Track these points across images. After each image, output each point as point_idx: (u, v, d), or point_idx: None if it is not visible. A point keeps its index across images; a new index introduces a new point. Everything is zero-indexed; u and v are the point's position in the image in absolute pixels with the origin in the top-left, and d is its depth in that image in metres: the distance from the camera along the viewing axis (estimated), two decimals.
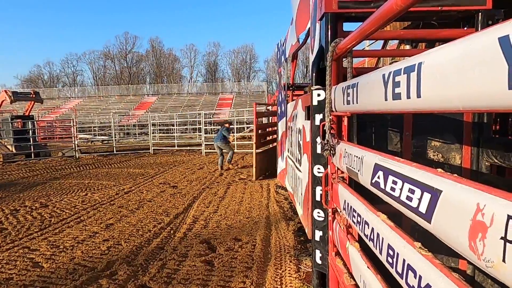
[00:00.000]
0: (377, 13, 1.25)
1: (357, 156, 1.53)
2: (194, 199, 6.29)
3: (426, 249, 0.96)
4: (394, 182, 1.10)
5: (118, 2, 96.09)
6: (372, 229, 1.33)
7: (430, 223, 0.87)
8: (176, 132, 19.03)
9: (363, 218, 1.46)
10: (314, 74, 2.42)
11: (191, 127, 29.89)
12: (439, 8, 2.25)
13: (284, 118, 6.48)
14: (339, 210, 1.96)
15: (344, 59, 2.13)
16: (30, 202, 6.41)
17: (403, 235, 1.08)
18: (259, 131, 10.63)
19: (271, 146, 9.48)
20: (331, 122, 1.95)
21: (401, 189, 1.05)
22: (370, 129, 2.49)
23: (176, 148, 16.17)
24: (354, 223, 1.59)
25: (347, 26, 2.46)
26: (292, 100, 6.40)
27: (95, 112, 43.52)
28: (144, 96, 53.77)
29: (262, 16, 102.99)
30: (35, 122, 16.49)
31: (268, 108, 13.07)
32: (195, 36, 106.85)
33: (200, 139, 15.19)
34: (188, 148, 16.18)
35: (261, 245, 3.93)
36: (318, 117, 2.41)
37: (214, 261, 3.56)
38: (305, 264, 3.39)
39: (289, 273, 3.22)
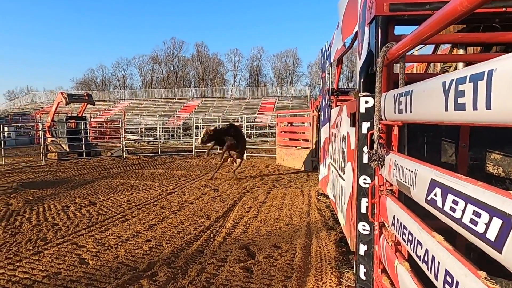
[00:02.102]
0: (438, 15, 1.15)
1: (409, 170, 1.42)
2: (234, 203, 6.30)
3: (493, 282, 0.84)
4: (455, 202, 0.99)
5: (166, 8, 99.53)
6: (426, 250, 1.22)
7: (500, 253, 0.76)
8: None
9: (415, 237, 1.34)
10: (362, 80, 2.32)
11: None
12: (503, 9, 2.07)
13: (328, 124, 6.33)
14: (386, 225, 1.84)
15: (395, 65, 2.02)
16: (80, 199, 6.72)
17: (465, 261, 0.97)
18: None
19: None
20: (380, 131, 1.84)
21: (463, 211, 0.94)
22: (422, 139, 2.34)
23: (218, 151, 16.36)
24: (404, 241, 1.48)
25: (398, 30, 2.33)
26: (336, 105, 6.25)
27: (142, 114, 45.21)
28: (188, 99, 55.16)
29: (306, 20, 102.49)
30: (88, 122, 17.37)
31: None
32: (239, 41, 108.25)
33: None
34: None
35: (301, 254, 3.83)
36: (365, 125, 2.29)
37: (253, 268, 3.51)
38: (347, 277, 3.26)
39: (330, 286, 3.11)
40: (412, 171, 1.38)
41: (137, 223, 5.12)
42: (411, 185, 1.38)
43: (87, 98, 16.03)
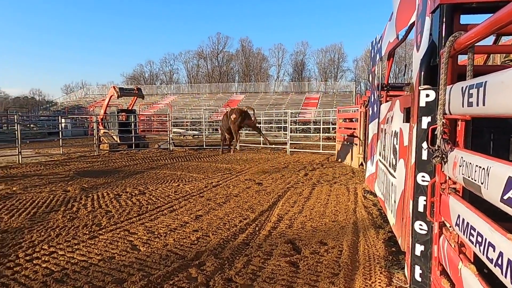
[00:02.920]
0: None
1: (480, 167, 1.33)
2: (278, 197, 6.29)
3: None
4: None
5: (212, 4, 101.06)
6: (501, 253, 1.13)
7: None
8: (262, 130, 19.35)
9: (485, 239, 1.26)
10: (422, 72, 2.20)
11: (276, 126, 30.24)
12: None
13: (376, 119, 6.14)
14: (448, 225, 1.74)
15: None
16: (131, 188, 7.02)
17: None
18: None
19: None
20: (444, 126, 1.74)
21: None
22: (488, 136, 2.19)
23: (261, 145, 16.44)
24: (472, 242, 1.39)
25: (463, 19, 2.19)
26: (387, 101, 6.04)
27: (188, 108, 46.36)
28: (232, 94, 55.82)
29: (353, 14, 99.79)
30: (137, 115, 18.07)
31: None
32: (283, 35, 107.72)
33: (285, 138, 15.22)
34: (273, 146, 16.32)
35: (348, 251, 3.75)
36: (426, 120, 2.18)
37: (299, 263, 3.48)
38: (398, 278, 3.14)
39: (379, 286, 3.01)
40: (484, 169, 1.29)
41: (184, 214, 5.25)
42: (482, 183, 1.29)
43: (137, 92, 16.66)
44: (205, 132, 19.27)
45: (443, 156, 1.72)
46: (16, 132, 11.58)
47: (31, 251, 3.78)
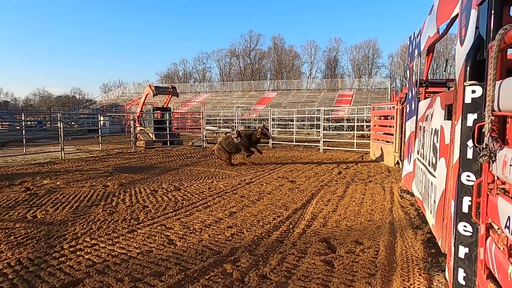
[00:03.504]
0: None
1: None
2: (312, 195, 6.24)
3: None
4: None
5: (244, 2, 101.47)
6: None
7: None
8: (295, 128, 19.25)
9: None
10: (468, 67, 2.11)
11: (309, 123, 29.98)
12: None
13: (414, 117, 5.95)
14: (496, 227, 1.67)
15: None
16: (166, 184, 7.20)
17: None
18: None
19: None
20: (493, 124, 1.66)
21: None
22: None
23: (294, 143, 16.36)
24: None
25: None
26: (426, 97, 5.84)
27: (220, 106, 46.84)
28: (264, 91, 55.85)
29: (388, 8, 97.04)
30: (171, 113, 18.47)
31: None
32: (316, 32, 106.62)
33: (318, 136, 15.07)
34: (306, 144, 16.21)
35: (384, 252, 3.66)
36: (471, 117, 2.09)
37: (334, 262, 3.44)
38: (438, 280, 3.04)
39: None
40: None
41: (218, 210, 5.32)
42: None
43: (171, 90, 17.03)
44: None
45: (491, 155, 1.64)
46: (59, 129, 12.16)
47: (75, 242, 3.96)
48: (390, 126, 10.56)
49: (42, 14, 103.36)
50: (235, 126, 19.24)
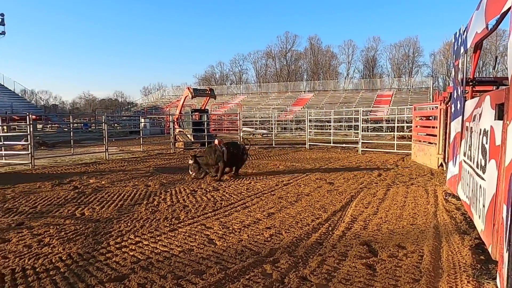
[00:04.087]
0: None
1: None
2: (351, 197, 6.13)
3: None
4: None
5: (280, 3, 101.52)
6: None
7: None
8: (332, 129, 19.00)
9: None
10: None
11: (346, 124, 29.49)
12: None
13: (460, 117, 5.70)
14: None
15: None
16: (205, 185, 7.33)
17: None
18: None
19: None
20: None
21: None
22: None
23: (331, 144, 16.15)
24: None
25: None
26: (473, 96, 5.59)
27: (257, 108, 47.06)
28: (301, 92, 55.54)
29: (429, 4, 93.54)
30: (209, 115, 18.80)
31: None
32: (354, 31, 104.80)
33: (356, 137, 14.78)
34: (344, 145, 15.95)
35: (429, 257, 3.53)
36: None
37: (376, 265, 3.36)
38: None
39: None
40: None
41: (257, 211, 5.35)
42: None
43: (209, 92, 17.34)
44: (274, 131, 19.43)
45: None
46: (104, 131, 12.71)
47: (120, 239, 4.12)
48: (433, 127, 10.17)
49: (90, 17, 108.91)
50: (272, 127, 19.21)
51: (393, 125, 17.37)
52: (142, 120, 26.90)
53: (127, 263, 3.45)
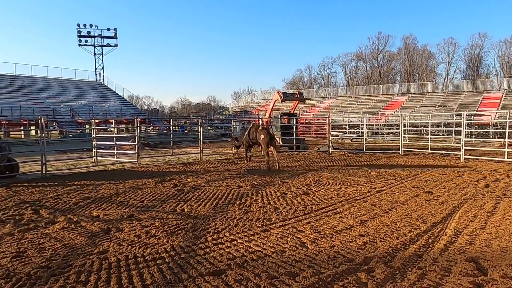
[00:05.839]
0: None
1: None
2: (454, 209, 5.64)
3: None
4: None
5: (372, 3, 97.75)
6: None
7: None
8: (429, 134, 17.67)
9: None
10: None
11: (445, 129, 27.21)
12: None
13: None
14: None
15: None
16: (295, 188, 7.38)
17: None
18: None
19: None
20: None
21: None
22: None
23: (428, 151, 15.02)
24: None
25: None
26: None
27: (346, 111, 45.86)
28: (394, 95, 52.69)
29: None
30: (298, 119, 18.85)
31: None
32: (455, 28, 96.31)
33: (458, 143, 13.53)
34: (443, 151, 14.71)
35: None
36: None
37: (486, 285, 3.05)
38: None
39: None
40: None
41: (348, 217, 5.22)
42: None
43: (299, 96, 17.40)
44: (365, 136, 18.73)
45: None
46: (199, 133, 13.55)
47: (216, 236, 4.36)
48: None
49: (188, 36, 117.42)
50: (362, 131, 18.55)
51: (503, 130, 15.51)
52: (233, 123, 28.02)
53: (224, 259, 3.64)
